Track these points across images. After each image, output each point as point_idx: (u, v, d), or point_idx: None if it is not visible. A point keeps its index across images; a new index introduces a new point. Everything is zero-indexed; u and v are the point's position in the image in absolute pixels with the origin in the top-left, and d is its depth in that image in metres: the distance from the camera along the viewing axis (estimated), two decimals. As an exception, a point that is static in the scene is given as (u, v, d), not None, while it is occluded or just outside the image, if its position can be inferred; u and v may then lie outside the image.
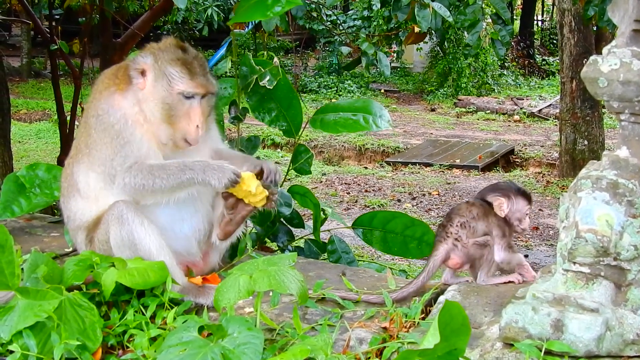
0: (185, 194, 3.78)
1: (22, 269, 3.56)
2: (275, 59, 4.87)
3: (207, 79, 3.85)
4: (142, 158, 3.75)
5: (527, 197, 3.94)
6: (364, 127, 4.84)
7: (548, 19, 35.95)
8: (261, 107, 4.88)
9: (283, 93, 4.85)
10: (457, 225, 3.83)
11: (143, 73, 3.80)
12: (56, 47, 9.32)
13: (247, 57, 4.80)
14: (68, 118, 10.25)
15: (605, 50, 3.12)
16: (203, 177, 3.69)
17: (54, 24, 10.62)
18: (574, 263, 3.06)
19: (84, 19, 10.76)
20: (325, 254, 5.15)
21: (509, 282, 3.81)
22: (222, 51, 5.75)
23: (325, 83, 25.94)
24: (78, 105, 10.04)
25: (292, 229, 5.17)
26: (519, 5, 32.07)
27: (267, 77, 4.70)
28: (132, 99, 3.80)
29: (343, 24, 22.31)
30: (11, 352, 3.24)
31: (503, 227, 3.86)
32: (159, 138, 3.80)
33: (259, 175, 3.90)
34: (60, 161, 9.26)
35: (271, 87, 4.70)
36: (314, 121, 4.92)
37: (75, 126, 10.37)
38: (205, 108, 3.84)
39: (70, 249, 4.43)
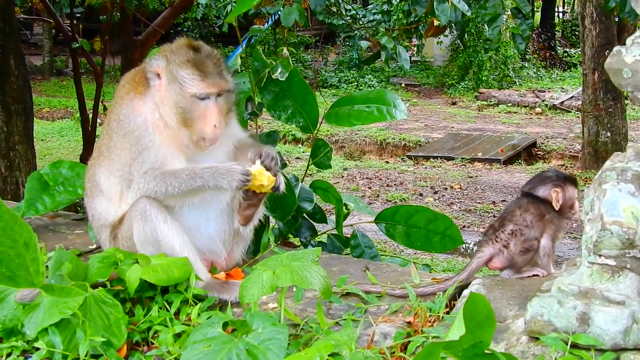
0: (199, 198, 3.80)
1: (47, 266, 3.58)
2: (285, 50, 4.85)
3: (221, 77, 3.80)
4: (159, 164, 3.76)
5: (574, 182, 3.92)
6: (377, 117, 4.78)
7: (569, 10, 35.70)
8: (276, 106, 4.86)
9: (298, 89, 4.83)
10: (508, 233, 3.80)
11: (159, 75, 3.80)
12: (78, 45, 9.39)
13: (257, 52, 4.78)
14: (90, 116, 10.32)
15: (629, 41, 3.09)
16: (214, 182, 3.70)
17: (75, 22, 10.68)
18: (600, 256, 3.03)
19: (104, 17, 10.81)
20: (348, 249, 5.14)
21: (534, 275, 3.80)
22: (242, 48, 5.73)
23: (346, 78, 25.92)
24: (100, 103, 10.12)
25: (315, 224, 5.16)
26: (539, -4, 31.88)
27: (279, 70, 4.68)
28: (151, 104, 3.80)
29: (363, 19, 22.26)
30: (37, 349, 3.26)
31: (556, 221, 3.84)
32: (181, 141, 3.80)
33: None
34: (83, 159, 9.32)
35: (283, 79, 4.68)
36: (328, 116, 4.89)
37: (98, 123, 10.45)
38: (223, 106, 3.81)
39: (94, 246, 4.45)
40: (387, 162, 17.61)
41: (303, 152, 17.44)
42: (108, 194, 3.89)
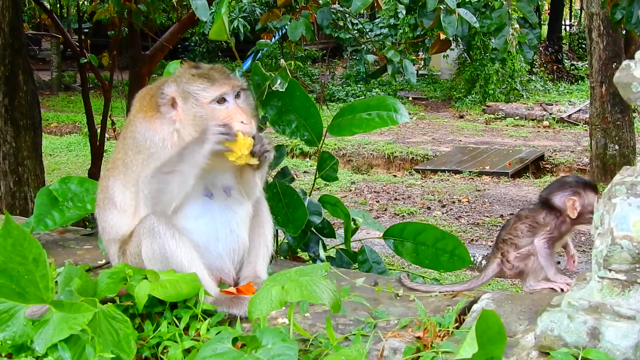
0: (199, 172, 3.74)
1: (56, 282, 3.58)
2: (282, 61, 4.85)
3: (230, 78, 3.82)
4: None
5: (594, 188, 3.84)
6: (379, 123, 4.77)
7: (576, 23, 35.73)
8: (280, 120, 4.86)
9: (300, 103, 4.83)
10: (501, 242, 3.86)
11: (173, 104, 3.81)
12: (86, 60, 9.45)
13: (257, 66, 4.79)
14: (98, 130, 10.35)
15: (638, 54, 3.09)
16: (193, 160, 3.68)
17: (83, 37, 10.73)
18: (610, 270, 3.02)
19: (112, 32, 10.87)
20: (356, 264, 5.14)
21: (551, 289, 3.78)
22: (249, 62, 5.76)
23: (353, 91, 25.94)
24: (108, 118, 10.16)
25: (324, 238, 5.16)
26: (546, 10, 31.90)
27: (278, 81, 4.68)
28: (168, 126, 3.81)
29: (370, 33, 22.30)
30: (46, 365, 3.26)
31: (556, 225, 3.83)
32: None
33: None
34: (92, 174, 9.37)
35: (283, 90, 4.68)
36: (331, 127, 4.89)
37: (106, 138, 10.49)
38: (244, 107, 3.81)
39: (104, 262, 4.45)
40: (395, 176, 17.60)
41: (310, 165, 17.43)
42: (122, 207, 3.88)
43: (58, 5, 18.84)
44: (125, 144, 3.90)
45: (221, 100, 3.77)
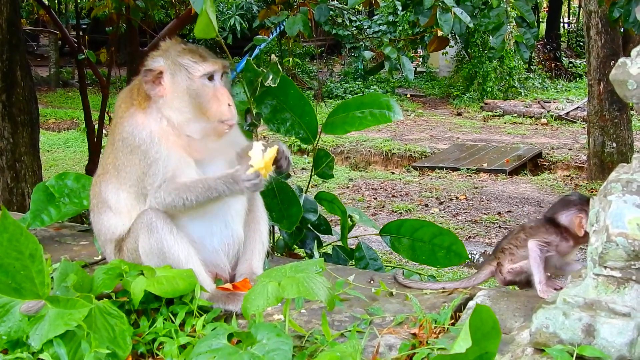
0: (214, 207, 3.81)
1: (52, 277, 3.58)
2: (273, 56, 4.85)
3: (218, 57, 3.90)
4: (172, 173, 3.76)
5: None
6: (371, 122, 4.77)
7: (574, 21, 35.73)
8: (275, 119, 4.85)
9: (295, 101, 4.83)
10: (500, 251, 3.85)
11: (156, 81, 3.81)
12: (83, 56, 9.45)
13: (249, 62, 4.78)
14: (96, 127, 10.35)
15: (634, 52, 3.09)
16: (230, 191, 3.73)
17: (81, 33, 10.72)
18: (605, 267, 3.03)
19: (111, 28, 10.85)
20: (353, 261, 5.13)
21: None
22: (243, 63, 5.75)
23: (351, 88, 25.93)
24: (106, 114, 10.16)
25: (320, 235, 5.16)
26: (545, 7, 31.91)
27: (270, 76, 4.68)
28: (155, 114, 3.81)
29: (368, 30, 22.30)
30: (42, 360, 3.27)
31: (557, 243, 3.80)
32: (189, 145, 3.80)
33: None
34: (89, 170, 9.36)
35: (275, 85, 4.67)
36: (325, 126, 4.89)
37: (103, 134, 10.48)
38: (227, 88, 3.88)
39: (100, 258, 4.46)
40: (393, 173, 17.60)
41: (308, 162, 17.42)
42: (117, 208, 3.87)
43: (56, 1, 18.82)
44: (114, 148, 3.88)
45: (210, 77, 3.82)
